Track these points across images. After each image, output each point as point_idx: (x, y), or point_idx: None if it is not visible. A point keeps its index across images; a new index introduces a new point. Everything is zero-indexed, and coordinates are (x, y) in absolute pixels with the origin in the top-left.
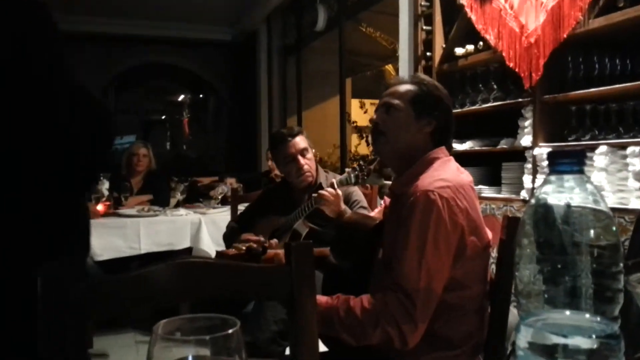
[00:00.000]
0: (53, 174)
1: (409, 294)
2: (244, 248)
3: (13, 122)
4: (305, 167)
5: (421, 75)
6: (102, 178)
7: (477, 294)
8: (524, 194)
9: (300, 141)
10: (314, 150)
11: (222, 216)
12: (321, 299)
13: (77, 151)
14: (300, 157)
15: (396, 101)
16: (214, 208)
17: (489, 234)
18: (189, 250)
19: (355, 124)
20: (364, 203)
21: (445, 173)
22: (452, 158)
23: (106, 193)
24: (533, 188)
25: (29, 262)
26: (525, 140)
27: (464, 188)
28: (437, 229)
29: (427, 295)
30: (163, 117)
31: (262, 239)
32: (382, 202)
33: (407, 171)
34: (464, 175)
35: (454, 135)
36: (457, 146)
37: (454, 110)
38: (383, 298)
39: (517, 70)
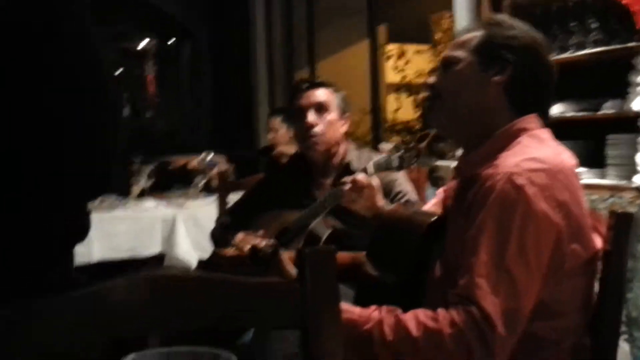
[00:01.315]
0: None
1: (485, 312)
2: (247, 248)
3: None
4: (316, 129)
5: (499, 15)
6: None
7: (574, 325)
8: (638, 180)
9: (321, 94)
10: (347, 115)
11: (205, 211)
12: (354, 310)
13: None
14: (310, 113)
15: (456, 52)
16: (195, 199)
17: (598, 241)
18: (159, 259)
19: (402, 73)
20: (412, 195)
21: (540, 150)
22: (548, 130)
23: None
24: None
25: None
26: (639, 103)
27: (564, 173)
28: (525, 228)
29: (510, 316)
30: (118, 73)
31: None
32: (438, 191)
33: (481, 147)
34: (566, 157)
35: (550, 96)
36: None
37: None
38: (449, 314)
39: (624, 1)
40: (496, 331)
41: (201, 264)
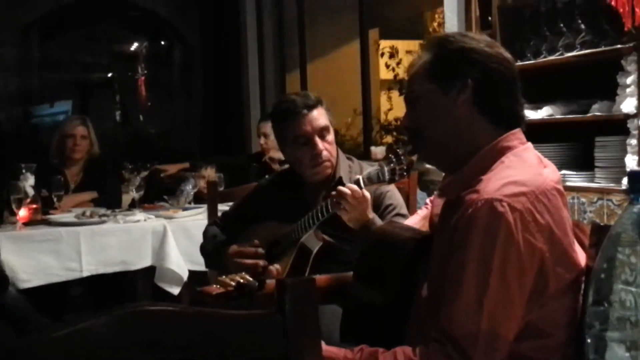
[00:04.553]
0: None
1: (462, 348)
2: (233, 284)
3: None
4: (325, 153)
5: (449, 33)
6: (24, 171)
7: (561, 343)
8: (626, 183)
9: (320, 116)
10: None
11: (195, 222)
12: (337, 353)
13: None
14: (318, 140)
15: (414, 87)
16: (185, 209)
17: (582, 258)
18: (150, 271)
19: (394, 72)
20: (402, 209)
21: (521, 172)
22: (530, 146)
23: (31, 192)
24: None
25: None
26: (628, 104)
27: (546, 194)
28: (506, 257)
29: (490, 347)
30: (109, 76)
31: (260, 249)
32: (427, 201)
33: (463, 168)
34: (548, 172)
35: (518, 93)
36: (530, 114)
37: (523, 63)
38: (426, 353)
39: (613, 3)
40: None
41: (198, 294)
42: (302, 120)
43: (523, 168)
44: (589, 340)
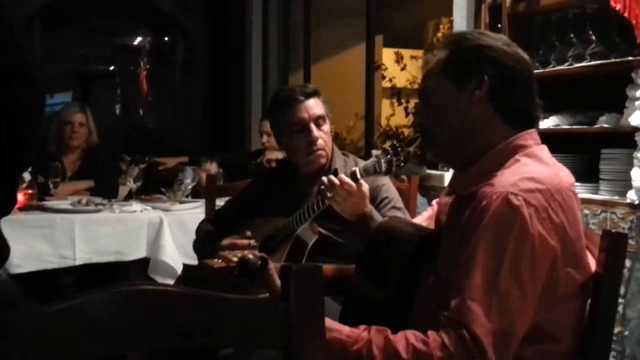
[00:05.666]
0: None
1: (476, 337)
2: (235, 259)
3: None
4: (320, 142)
5: (466, 31)
6: None
7: (565, 350)
8: (632, 196)
9: (316, 105)
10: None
11: (192, 215)
12: (343, 329)
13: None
14: (313, 127)
15: (428, 83)
16: (182, 202)
17: (592, 263)
18: (144, 263)
19: (391, 82)
20: (398, 203)
21: (537, 169)
22: (545, 147)
23: (27, 178)
24: None
25: None
26: (637, 117)
27: (562, 194)
28: (519, 250)
29: (501, 340)
30: (111, 69)
31: (252, 241)
32: (431, 204)
33: (477, 164)
34: (564, 175)
35: (534, 93)
36: None
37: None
38: (440, 336)
39: (625, 14)
40: (486, 356)
41: (186, 274)
42: (298, 107)
43: (540, 166)
44: None
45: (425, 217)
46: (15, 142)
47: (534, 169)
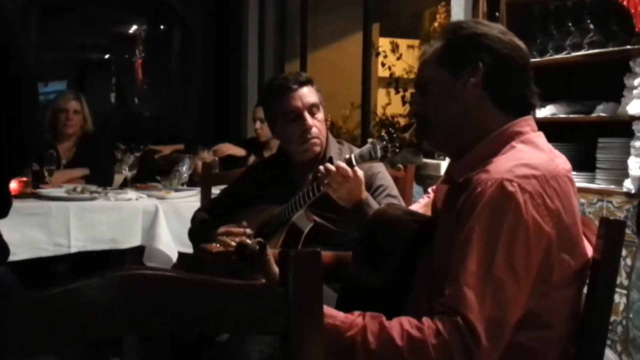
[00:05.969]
0: None
1: (471, 324)
2: (233, 244)
3: None
4: (314, 130)
5: (462, 20)
6: None
7: (561, 336)
8: (628, 185)
9: (310, 93)
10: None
11: (188, 203)
12: (337, 315)
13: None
14: (307, 116)
15: (425, 72)
16: (178, 191)
17: (589, 250)
18: (139, 251)
19: (390, 71)
20: (393, 190)
21: (533, 155)
22: (541, 133)
23: None
24: None
25: None
26: (634, 106)
27: (557, 180)
28: (514, 237)
29: (495, 328)
30: (106, 57)
31: (248, 230)
32: (427, 192)
33: (473, 151)
34: (560, 161)
35: (530, 81)
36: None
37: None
38: (434, 323)
39: (624, 3)
40: (480, 344)
41: (184, 258)
42: (291, 95)
43: (535, 152)
44: None
45: (422, 205)
46: (6, 146)
47: (529, 155)
